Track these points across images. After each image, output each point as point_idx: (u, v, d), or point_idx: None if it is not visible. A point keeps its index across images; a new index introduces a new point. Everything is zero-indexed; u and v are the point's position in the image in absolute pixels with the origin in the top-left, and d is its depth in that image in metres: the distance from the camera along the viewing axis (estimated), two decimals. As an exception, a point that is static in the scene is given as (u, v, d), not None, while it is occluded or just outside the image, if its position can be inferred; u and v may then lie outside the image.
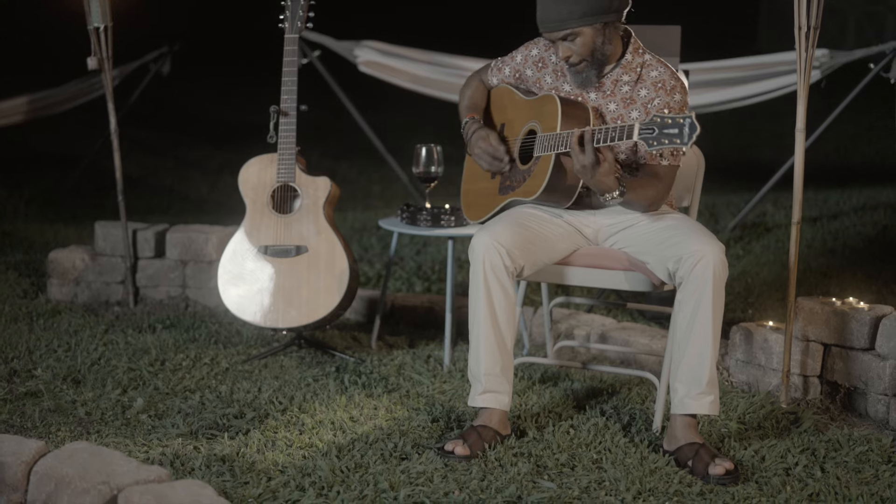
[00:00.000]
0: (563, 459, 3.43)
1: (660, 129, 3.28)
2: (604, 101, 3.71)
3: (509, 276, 3.58)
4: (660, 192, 3.69)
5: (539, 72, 3.86)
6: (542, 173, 3.66)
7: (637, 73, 3.70)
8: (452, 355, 4.38)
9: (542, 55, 3.86)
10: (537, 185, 3.68)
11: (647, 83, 3.69)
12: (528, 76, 3.89)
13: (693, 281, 3.47)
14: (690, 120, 3.25)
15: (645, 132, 3.31)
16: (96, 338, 4.60)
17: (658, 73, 3.70)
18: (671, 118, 3.27)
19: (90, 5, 4.93)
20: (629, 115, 3.68)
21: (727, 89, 6.01)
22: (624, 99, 3.69)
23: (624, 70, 3.71)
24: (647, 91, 3.68)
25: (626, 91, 3.70)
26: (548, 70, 3.85)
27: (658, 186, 3.68)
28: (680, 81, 3.71)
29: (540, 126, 3.71)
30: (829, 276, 5.62)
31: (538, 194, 3.68)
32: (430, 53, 6.65)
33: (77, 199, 7.99)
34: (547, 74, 3.85)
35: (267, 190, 4.37)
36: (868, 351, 3.89)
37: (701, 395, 3.48)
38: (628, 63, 3.71)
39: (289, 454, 3.46)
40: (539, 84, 3.85)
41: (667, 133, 3.27)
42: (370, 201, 8.09)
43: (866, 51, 6.11)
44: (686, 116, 3.26)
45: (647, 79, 3.69)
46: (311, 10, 4.46)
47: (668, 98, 3.66)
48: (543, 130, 3.69)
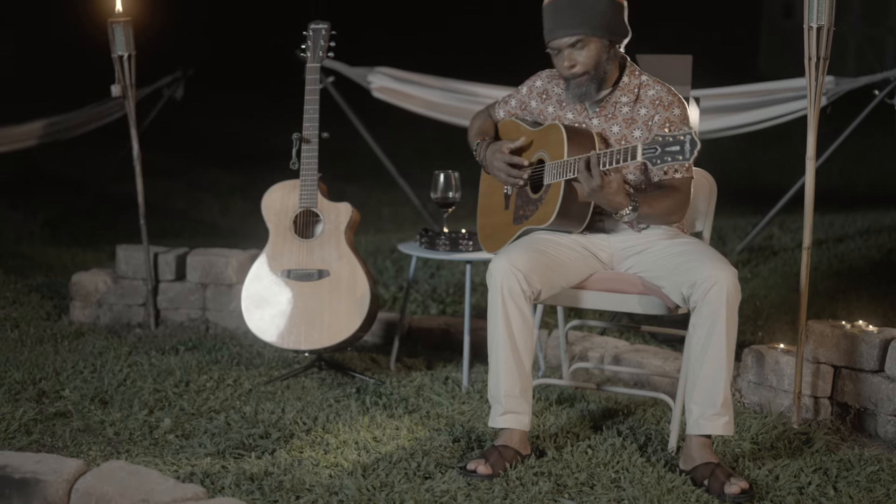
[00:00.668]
0: (582, 479, 3.53)
1: (662, 147, 3.41)
2: (607, 125, 3.84)
3: (527, 300, 3.69)
4: (678, 201, 3.80)
5: (543, 103, 3.99)
6: (554, 200, 3.77)
7: (635, 93, 3.84)
8: (470, 377, 4.48)
9: (545, 87, 4.00)
10: (549, 212, 3.79)
11: (645, 102, 3.83)
12: (532, 107, 4.02)
13: (707, 305, 3.57)
14: (691, 136, 3.38)
15: (648, 152, 3.43)
16: (121, 359, 4.70)
17: (655, 91, 3.84)
18: (672, 136, 3.40)
19: (114, 34, 5.05)
20: (632, 134, 3.81)
21: (737, 115, 6.14)
22: (626, 120, 3.83)
23: (622, 92, 3.85)
24: (646, 110, 3.82)
25: (627, 112, 3.83)
26: (551, 101, 3.97)
27: (676, 196, 3.79)
28: (677, 97, 3.85)
29: (548, 155, 3.83)
30: (835, 298, 5.72)
31: (551, 221, 3.79)
32: (443, 80, 6.78)
33: (91, 223, 8.10)
34: (550, 105, 3.97)
35: (289, 215, 4.48)
36: (877, 373, 3.99)
37: (715, 416, 3.58)
38: (626, 85, 3.85)
39: (315, 473, 3.55)
40: (543, 115, 3.98)
41: (669, 151, 3.40)
42: (381, 224, 8.20)
43: (870, 77, 6.24)
44: (686, 133, 3.38)
45: (644, 98, 3.83)
46: (332, 39, 4.58)
47: (667, 113, 3.79)
48: (551, 159, 3.81)
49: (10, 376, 4.45)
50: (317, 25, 4.59)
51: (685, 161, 3.39)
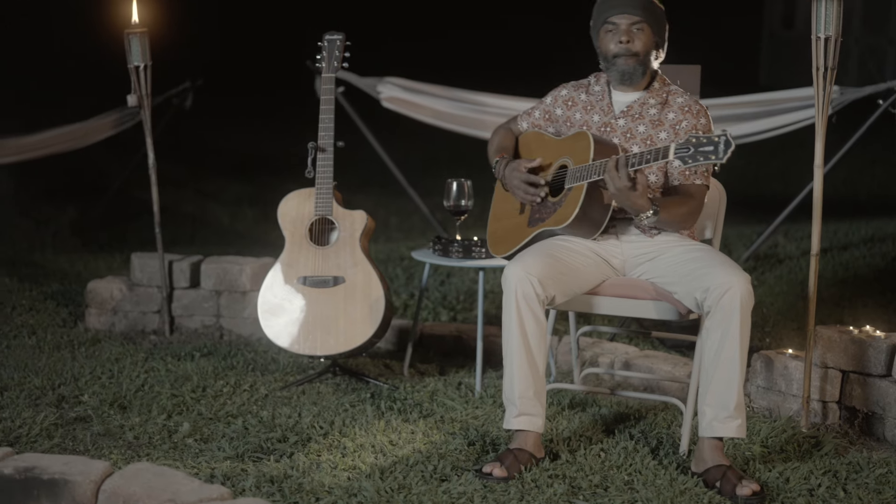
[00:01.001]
0: (596, 481, 3.59)
1: (695, 147, 3.49)
2: (633, 125, 3.94)
3: (541, 304, 3.76)
4: (692, 209, 3.90)
5: (569, 110, 4.07)
6: (574, 202, 3.84)
7: (664, 99, 3.97)
8: (483, 382, 4.54)
9: (571, 95, 4.08)
10: (568, 213, 3.86)
11: (673, 107, 3.95)
12: (557, 115, 4.09)
13: (721, 310, 3.64)
14: (726, 137, 3.47)
15: (681, 151, 3.52)
16: (137, 365, 4.76)
17: (684, 99, 3.98)
18: (706, 137, 3.50)
19: (131, 45, 5.12)
20: (657, 135, 3.92)
21: (744, 124, 6.20)
22: (652, 121, 3.93)
23: (651, 95, 3.98)
24: (674, 114, 3.94)
25: (654, 114, 3.95)
26: (577, 107, 4.06)
27: (690, 204, 3.89)
28: (704, 109, 4.00)
29: (572, 161, 3.90)
30: (841, 305, 5.79)
31: (569, 222, 3.85)
32: (452, 90, 6.85)
33: (102, 231, 8.17)
34: (577, 111, 4.05)
35: (305, 223, 4.56)
36: (885, 377, 4.06)
37: (728, 418, 3.65)
38: (655, 90, 3.99)
39: (334, 476, 3.62)
40: (569, 121, 4.05)
41: (702, 151, 3.49)
42: (389, 233, 8.27)
43: (875, 87, 6.30)
44: (721, 134, 3.48)
45: (673, 104, 3.96)
46: (346, 50, 4.65)
47: (694, 121, 3.90)
48: (575, 164, 3.88)
49: (29, 382, 4.51)
50: (332, 36, 4.67)
51: (718, 161, 3.48)
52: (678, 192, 3.90)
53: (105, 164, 9.20)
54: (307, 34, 4.88)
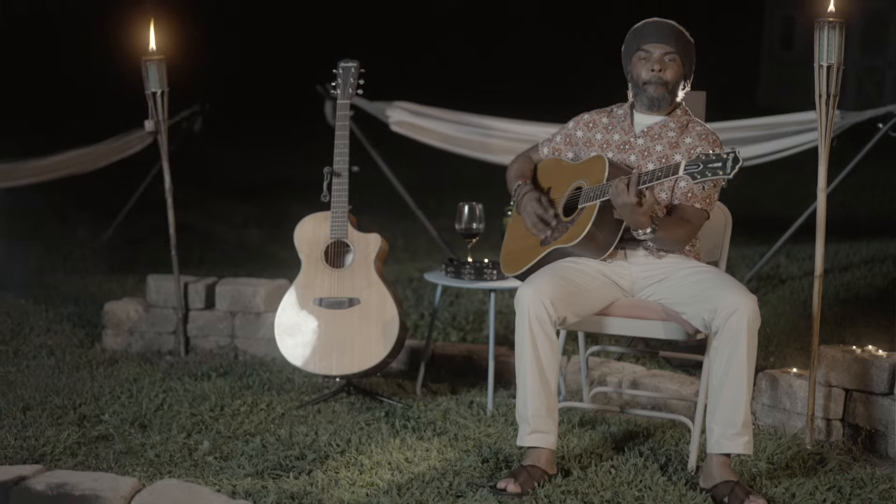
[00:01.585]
0: (607, 497, 3.70)
1: (704, 164, 3.64)
2: (651, 144, 4.08)
3: (552, 325, 3.87)
4: (688, 233, 4.04)
5: (590, 131, 4.21)
6: (586, 220, 3.96)
7: (684, 125, 4.12)
8: (494, 400, 4.65)
9: (591, 118, 4.25)
10: (579, 231, 3.97)
11: (692, 134, 4.10)
12: (578, 136, 4.22)
13: (728, 331, 3.75)
14: (734, 154, 3.61)
15: (691, 167, 3.67)
16: (155, 385, 4.86)
17: (702, 129, 4.14)
18: (715, 154, 3.65)
19: (148, 72, 5.25)
20: (673, 156, 4.06)
21: (748, 147, 6.32)
22: (670, 142, 4.08)
23: (672, 119, 4.13)
24: (692, 139, 4.08)
25: (672, 136, 4.10)
26: (598, 128, 4.20)
27: (687, 228, 4.03)
28: (719, 140, 4.14)
29: (587, 182, 4.03)
30: (843, 325, 5.89)
31: (579, 240, 3.97)
32: (459, 114, 6.97)
33: (114, 253, 8.28)
34: (597, 132, 4.20)
35: (321, 245, 4.67)
36: (887, 395, 4.16)
37: (736, 435, 3.75)
38: (677, 117, 4.14)
39: (353, 492, 3.72)
40: (589, 142, 4.19)
41: (711, 167, 3.63)
42: (396, 255, 8.37)
43: (875, 111, 6.42)
44: (730, 151, 3.62)
45: (692, 131, 4.11)
46: (361, 77, 4.78)
47: (709, 149, 4.04)
48: (590, 185, 4.00)
49: (50, 401, 4.62)
50: (346, 64, 4.79)
51: (726, 176, 3.62)
52: (677, 214, 4.02)
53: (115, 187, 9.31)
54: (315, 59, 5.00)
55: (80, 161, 8.06)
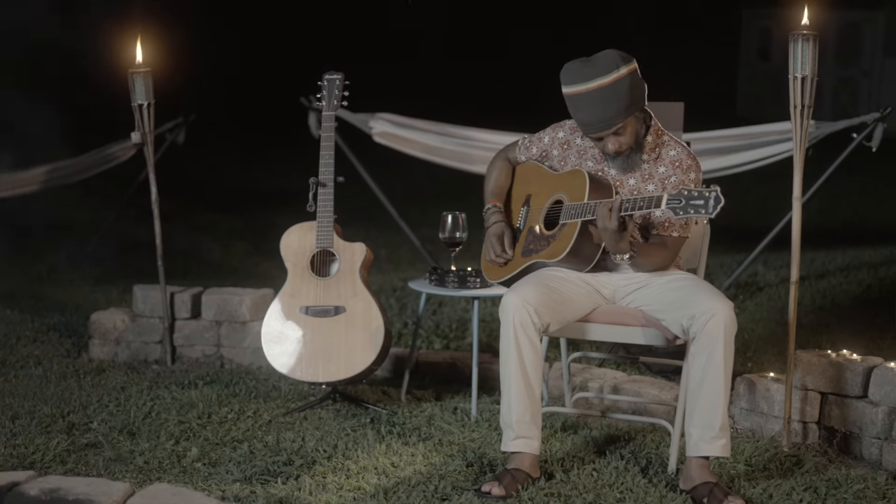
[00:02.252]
0: (590, 499, 3.78)
1: (687, 200, 3.69)
2: (624, 177, 4.12)
3: (537, 332, 3.96)
4: (665, 259, 4.13)
5: (564, 152, 4.27)
6: (567, 238, 4.05)
7: (657, 153, 4.12)
8: (478, 406, 4.72)
9: (567, 137, 4.28)
10: (562, 248, 4.06)
11: (665, 161, 4.11)
12: (553, 155, 4.30)
13: (706, 336, 3.85)
14: (716, 194, 3.66)
15: (673, 202, 3.71)
16: (143, 393, 4.92)
17: (676, 152, 4.12)
18: (698, 191, 3.68)
19: (135, 84, 5.31)
20: (646, 188, 4.09)
21: (725, 157, 6.43)
22: (643, 175, 4.11)
23: (644, 150, 4.12)
24: (665, 168, 4.10)
25: (646, 168, 4.11)
26: (572, 151, 4.26)
27: (665, 254, 4.11)
28: (695, 161, 4.15)
29: (567, 197, 4.11)
30: (819, 331, 6.00)
31: (562, 257, 4.06)
32: (441, 125, 7.07)
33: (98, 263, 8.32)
34: (572, 155, 4.25)
35: (307, 255, 4.74)
36: (862, 398, 4.27)
37: (714, 438, 3.85)
38: (648, 144, 4.12)
39: (340, 496, 3.80)
40: (564, 162, 4.26)
41: (693, 204, 3.68)
42: (379, 265, 8.43)
43: (849, 121, 6.53)
44: (712, 190, 3.66)
45: (665, 157, 4.12)
46: (346, 89, 4.86)
47: (683, 176, 4.08)
48: (570, 201, 4.08)
49: (39, 410, 4.67)
50: (331, 76, 4.88)
51: (707, 215, 3.66)
52: (655, 241, 4.11)
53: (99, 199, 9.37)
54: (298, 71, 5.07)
55: (64, 173, 8.09)
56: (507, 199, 4.44)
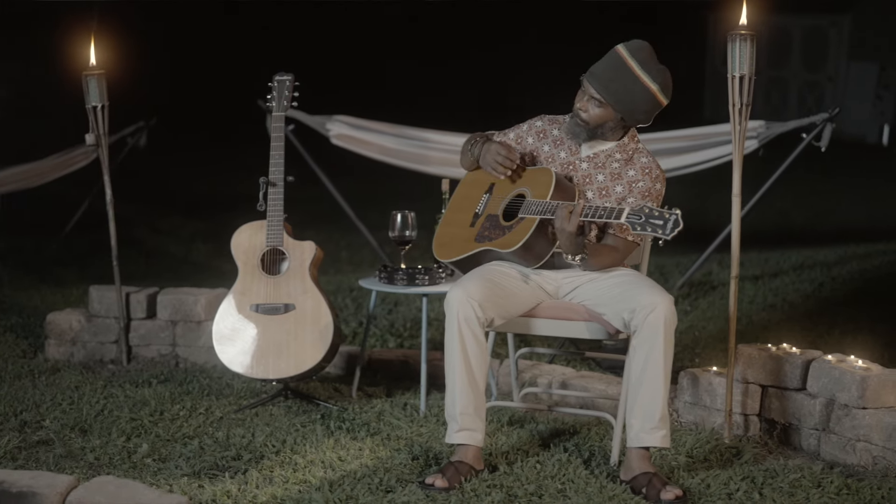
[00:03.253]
0: (531, 490, 3.85)
1: (647, 217, 3.77)
2: (594, 172, 4.22)
3: (481, 326, 4.03)
4: (615, 261, 4.22)
5: (539, 141, 4.36)
6: (523, 231, 4.12)
7: (629, 155, 4.23)
8: (427, 402, 4.79)
9: (544, 127, 4.38)
10: (516, 240, 4.13)
11: (636, 166, 4.22)
12: (528, 143, 4.38)
13: (646, 329, 3.93)
14: (676, 217, 3.73)
15: (632, 217, 3.80)
16: (97, 392, 4.97)
17: (647, 160, 4.24)
18: (658, 211, 3.76)
19: (89, 86, 5.36)
20: (614, 188, 4.20)
21: (674, 157, 6.52)
22: (612, 173, 4.21)
23: (618, 149, 4.23)
24: (634, 172, 4.21)
25: (616, 167, 4.22)
26: (547, 140, 4.35)
27: (615, 257, 4.20)
28: (662, 174, 4.27)
29: (530, 192, 4.19)
30: (769, 328, 6.10)
31: (514, 249, 4.13)
32: (398, 127, 7.14)
33: (59, 266, 8.35)
34: (546, 144, 4.35)
35: (257, 253, 4.80)
36: (800, 391, 4.36)
37: (654, 429, 3.93)
38: (623, 145, 4.24)
39: (286, 489, 3.85)
40: (537, 151, 4.35)
41: (652, 223, 3.76)
42: (340, 266, 8.51)
43: (799, 122, 6.63)
44: (673, 213, 3.74)
45: (636, 163, 4.23)
46: (295, 90, 4.93)
47: (651, 184, 4.19)
48: (533, 197, 4.16)
49: (-9, 409, 4.71)
50: (281, 77, 4.94)
51: (664, 237, 3.74)
52: (608, 242, 4.19)
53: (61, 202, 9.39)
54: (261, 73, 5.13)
55: (23, 177, 8.11)
56: (471, 183, 4.49)
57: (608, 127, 4.19)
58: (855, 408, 4.15)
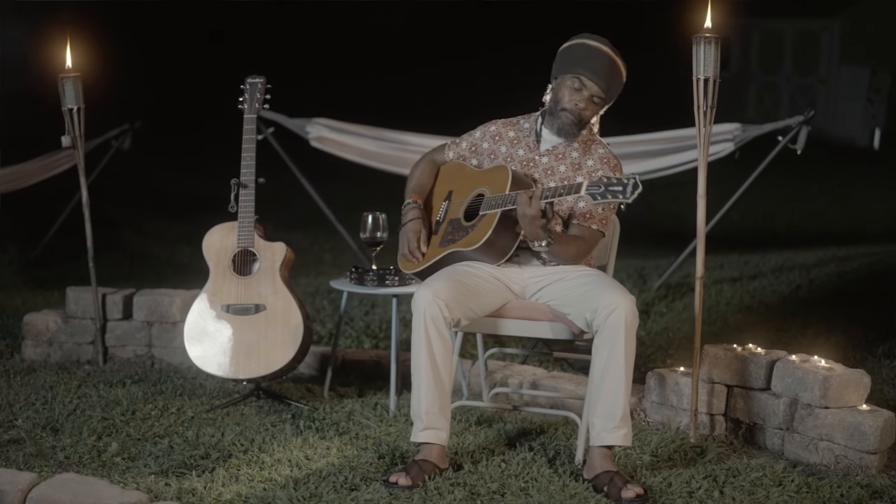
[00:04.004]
0: (494, 488, 3.89)
1: (606, 186, 3.84)
2: (555, 164, 4.28)
3: (447, 325, 4.07)
4: (581, 251, 4.24)
5: (495, 144, 4.42)
6: (486, 227, 4.17)
7: (587, 147, 4.32)
8: (398, 402, 4.83)
9: (499, 130, 4.45)
10: (479, 237, 4.18)
11: (594, 156, 4.31)
12: (484, 148, 4.43)
13: (608, 328, 3.97)
14: (634, 180, 3.81)
15: (592, 188, 3.86)
16: (71, 392, 5.00)
17: (604, 151, 4.34)
18: (616, 178, 3.84)
19: (65, 88, 5.39)
20: (575, 178, 4.27)
21: (648, 161, 6.56)
22: (573, 164, 4.29)
23: (576, 140, 4.32)
24: (593, 162, 4.29)
25: (575, 157, 4.30)
26: (503, 142, 4.41)
27: (580, 246, 4.23)
28: (619, 162, 4.36)
29: (489, 190, 4.24)
30: (743, 330, 6.14)
31: (478, 245, 4.18)
32: (377, 129, 7.18)
33: (41, 269, 8.39)
34: (502, 146, 4.41)
35: (228, 254, 4.84)
36: (765, 391, 4.40)
37: (615, 428, 3.96)
38: (583, 137, 4.33)
39: (251, 487, 3.89)
40: (494, 154, 4.40)
41: (612, 190, 3.82)
42: (322, 268, 8.55)
43: (775, 124, 6.67)
44: (631, 177, 3.81)
45: (594, 153, 4.32)
46: (267, 92, 4.97)
47: (610, 173, 4.26)
48: (492, 193, 4.21)
49: (-36, 408, 4.74)
50: (253, 80, 4.99)
51: (625, 201, 3.80)
52: (574, 232, 4.24)
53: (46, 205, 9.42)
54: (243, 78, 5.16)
55: (5, 180, 8.15)
56: (428, 197, 4.56)
57: (588, 123, 4.33)
58: (817, 407, 4.19)
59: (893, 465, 4.16)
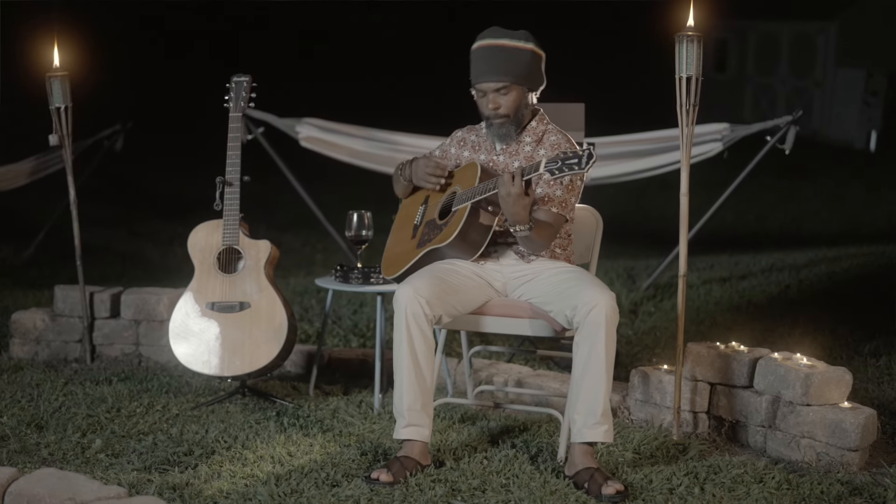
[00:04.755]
0: (475, 484, 3.90)
1: (562, 161, 3.91)
2: (510, 160, 4.31)
3: (429, 323, 4.08)
4: (550, 235, 4.27)
5: (460, 149, 4.45)
6: (457, 222, 4.20)
7: (539, 137, 4.33)
8: (382, 400, 4.84)
9: (464, 136, 4.49)
10: (451, 232, 4.21)
11: (546, 145, 4.32)
12: (451, 153, 4.48)
13: (588, 325, 3.98)
14: (588, 151, 3.87)
15: (550, 165, 3.92)
16: (57, 389, 5.01)
17: (556, 138, 4.34)
18: (571, 152, 3.92)
19: (52, 87, 5.41)
20: None
21: (631, 161, 6.57)
22: (527, 157, 4.30)
23: (528, 134, 4.34)
24: (545, 151, 4.31)
25: (528, 150, 4.32)
26: (467, 147, 4.44)
27: (549, 230, 4.26)
28: (573, 145, 4.34)
29: (460, 187, 4.27)
30: (731, 329, 6.15)
31: (451, 240, 4.20)
32: (367, 129, 7.20)
33: (33, 269, 8.40)
34: (466, 150, 4.44)
35: (213, 252, 4.85)
36: (748, 388, 4.41)
37: (596, 424, 3.98)
38: (532, 129, 4.35)
39: (233, 483, 3.90)
40: (459, 158, 4.44)
41: (568, 164, 3.90)
42: (312, 268, 8.57)
43: (763, 124, 6.69)
44: (585, 149, 3.87)
45: (546, 142, 4.33)
46: (253, 91, 4.98)
47: None
48: (463, 189, 4.24)
49: (-51, 406, 4.75)
50: (238, 78, 5.00)
51: (582, 171, 3.87)
52: (541, 217, 4.24)
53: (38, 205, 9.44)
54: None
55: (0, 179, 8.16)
56: (408, 204, 4.58)
57: (523, 105, 4.32)
58: (799, 405, 4.21)
59: (874, 462, 4.17)
